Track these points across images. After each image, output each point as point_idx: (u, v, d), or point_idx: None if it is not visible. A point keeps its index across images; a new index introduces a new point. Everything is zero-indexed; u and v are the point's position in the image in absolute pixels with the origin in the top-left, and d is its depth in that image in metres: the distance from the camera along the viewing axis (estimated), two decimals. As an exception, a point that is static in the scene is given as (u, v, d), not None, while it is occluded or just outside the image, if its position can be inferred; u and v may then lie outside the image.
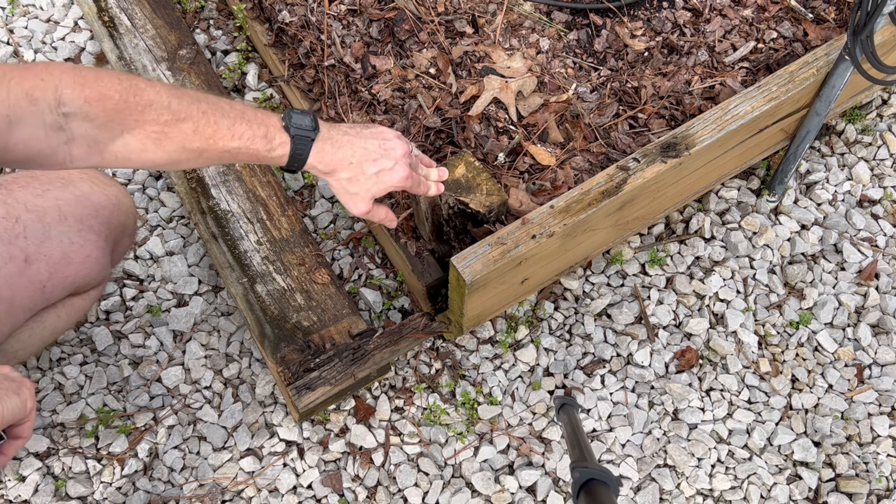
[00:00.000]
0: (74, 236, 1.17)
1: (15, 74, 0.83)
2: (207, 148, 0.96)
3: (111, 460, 1.38)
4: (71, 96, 0.85)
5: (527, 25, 1.61)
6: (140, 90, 0.90)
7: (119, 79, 0.89)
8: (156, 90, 0.91)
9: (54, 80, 0.85)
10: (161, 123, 0.91)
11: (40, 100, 0.84)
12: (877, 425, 1.46)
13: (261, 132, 0.99)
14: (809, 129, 1.51)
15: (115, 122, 0.89)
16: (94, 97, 0.86)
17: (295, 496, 1.37)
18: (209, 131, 0.95)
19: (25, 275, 1.12)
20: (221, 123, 0.96)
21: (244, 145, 0.98)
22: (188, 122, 0.93)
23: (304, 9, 1.61)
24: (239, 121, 0.97)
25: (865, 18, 1.25)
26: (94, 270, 1.20)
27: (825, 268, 1.62)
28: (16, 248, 1.11)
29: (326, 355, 1.35)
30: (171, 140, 0.93)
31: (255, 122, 0.99)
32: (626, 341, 1.52)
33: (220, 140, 0.96)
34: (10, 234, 1.11)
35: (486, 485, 1.37)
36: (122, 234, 1.28)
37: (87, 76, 0.87)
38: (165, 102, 0.91)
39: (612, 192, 1.29)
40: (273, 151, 1.01)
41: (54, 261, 1.14)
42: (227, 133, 0.96)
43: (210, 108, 0.95)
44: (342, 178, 1.08)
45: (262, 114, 1.01)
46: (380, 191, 1.10)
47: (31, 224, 1.13)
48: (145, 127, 0.91)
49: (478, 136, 1.45)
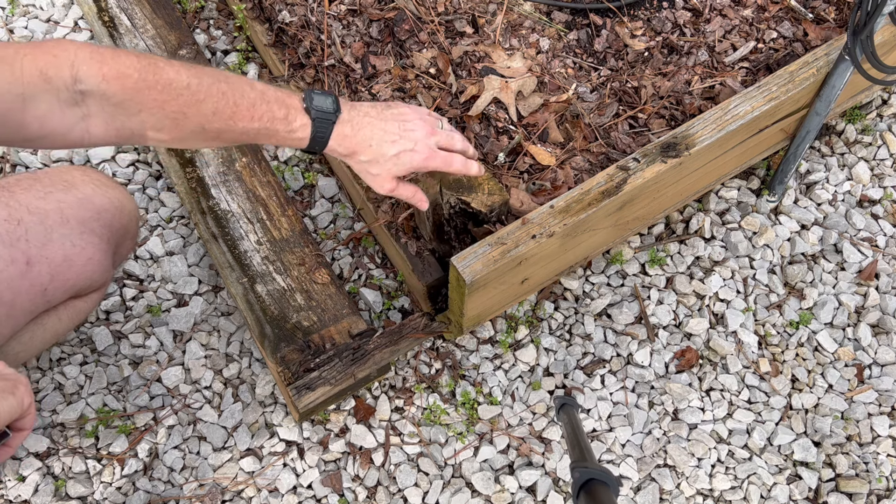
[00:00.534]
0: (76, 239, 1.17)
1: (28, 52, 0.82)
2: (226, 129, 0.95)
3: (111, 460, 1.38)
4: (88, 73, 0.84)
5: (527, 25, 1.61)
6: (159, 69, 0.89)
7: (138, 57, 0.88)
8: (175, 69, 0.90)
9: (69, 57, 0.83)
10: (180, 103, 0.90)
11: (55, 77, 0.83)
12: (877, 425, 1.46)
13: (281, 114, 0.98)
14: (809, 129, 1.51)
15: (133, 100, 0.88)
16: (112, 75, 0.85)
17: (295, 496, 1.37)
18: (228, 112, 0.94)
19: (27, 277, 1.12)
20: (241, 104, 0.94)
21: (264, 126, 0.97)
22: (207, 102, 0.92)
23: (304, 9, 1.62)
24: (259, 102, 0.96)
25: (865, 18, 1.25)
26: (95, 273, 1.20)
27: (825, 268, 1.62)
28: (17, 251, 1.11)
29: (326, 355, 1.35)
30: (190, 120, 0.92)
31: (275, 104, 0.97)
32: (626, 341, 1.52)
33: (240, 121, 0.95)
34: (11, 236, 1.11)
35: (486, 485, 1.37)
36: (125, 238, 1.28)
37: (105, 53, 0.86)
38: (185, 82, 0.90)
39: (612, 192, 1.29)
40: (293, 133, 1.00)
41: (56, 263, 1.14)
42: (247, 114, 0.95)
43: (230, 89, 0.94)
44: (362, 161, 1.06)
45: (284, 94, 0.99)
46: (401, 171, 1.08)
47: (33, 226, 1.13)
48: (164, 106, 0.89)
49: (478, 136, 1.45)
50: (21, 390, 0.92)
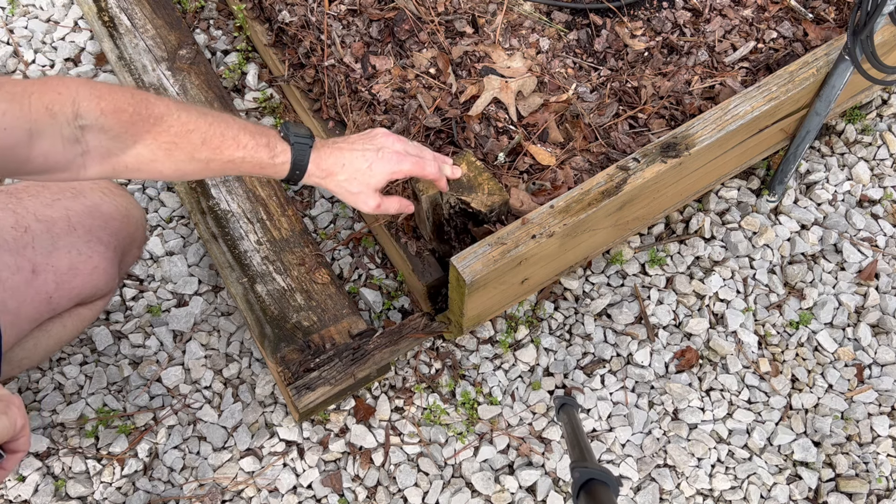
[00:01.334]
0: (83, 247, 1.17)
1: (35, 89, 0.86)
2: (214, 158, 1.00)
3: (111, 460, 1.38)
4: (88, 108, 0.88)
5: (527, 25, 1.61)
6: (151, 104, 0.94)
7: (132, 93, 0.93)
8: (165, 104, 0.95)
9: (72, 94, 0.88)
10: (172, 134, 0.95)
11: (59, 113, 0.87)
12: (877, 425, 1.46)
13: (263, 141, 1.03)
14: (809, 129, 1.51)
15: (128, 133, 0.92)
16: (109, 109, 0.90)
17: (295, 496, 1.37)
18: (216, 142, 0.99)
19: (32, 285, 1.11)
20: (227, 134, 1.00)
21: (248, 154, 1.02)
22: (196, 132, 0.97)
23: (304, 9, 1.61)
24: (242, 132, 1.01)
25: (865, 18, 1.25)
26: (101, 281, 1.19)
27: (825, 268, 1.62)
28: (23, 259, 1.11)
29: (326, 355, 1.35)
30: (181, 150, 0.97)
31: (257, 133, 1.03)
32: (626, 341, 1.52)
33: (227, 150, 1.00)
34: (18, 243, 1.11)
35: (486, 485, 1.37)
36: (131, 245, 1.28)
37: (103, 90, 0.90)
38: (175, 115, 0.95)
39: (612, 192, 1.29)
40: (276, 159, 1.05)
41: (61, 272, 1.14)
42: (233, 143, 1.00)
43: (215, 121, 1.00)
44: (340, 181, 1.11)
45: (262, 127, 1.06)
46: (379, 182, 1.12)
47: (39, 234, 1.13)
48: (157, 138, 0.94)
49: (478, 136, 1.45)
50: (14, 411, 0.92)
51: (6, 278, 1.08)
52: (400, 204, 1.20)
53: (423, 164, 1.15)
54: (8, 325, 1.09)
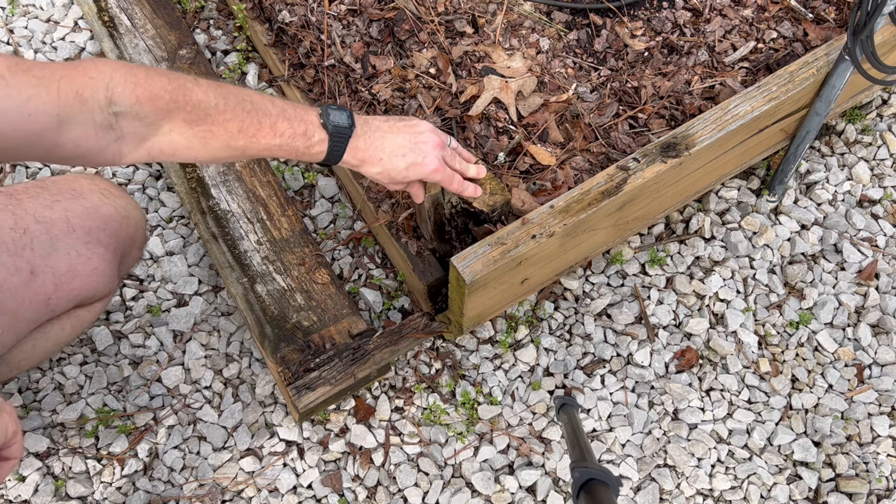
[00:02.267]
0: (82, 248, 1.16)
1: (65, 73, 0.84)
2: (250, 146, 0.99)
3: (111, 460, 1.38)
4: (122, 95, 0.86)
5: (527, 25, 1.61)
6: (188, 90, 0.92)
7: (168, 78, 0.90)
8: (203, 90, 0.93)
9: (105, 79, 0.85)
10: (209, 123, 0.93)
11: (90, 99, 0.84)
12: (877, 425, 1.46)
13: (301, 129, 1.02)
14: (809, 129, 1.51)
15: (164, 120, 0.90)
16: (145, 97, 0.88)
17: (295, 496, 1.37)
18: (253, 130, 0.97)
19: (31, 287, 1.11)
20: (265, 122, 0.98)
21: (285, 142, 1.01)
22: (234, 121, 0.95)
23: (304, 9, 1.61)
24: (281, 119, 1.00)
25: (865, 18, 1.25)
26: (100, 283, 1.19)
27: (825, 268, 1.62)
28: (22, 260, 1.10)
29: (326, 355, 1.35)
30: (217, 138, 0.95)
31: (295, 120, 1.01)
32: (626, 341, 1.52)
33: (264, 138, 0.99)
34: (17, 245, 1.10)
35: (486, 485, 1.37)
36: (131, 247, 1.27)
37: (139, 75, 0.88)
38: (213, 102, 0.93)
39: (612, 192, 1.29)
40: (312, 148, 1.04)
41: (60, 273, 1.13)
42: (270, 132, 0.99)
43: (254, 108, 0.98)
44: (373, 172, 1.11)
45: (302, 111, 1.03)
46: (408, 180, 1.14)
47: (38, 236, 1.12)
48: (193, 126, 0.93)
49: (478, 136, 1.45)
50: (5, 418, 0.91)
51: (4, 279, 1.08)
52: (419, 190, 1.21)
53: (451, 179, 1.17)
54: (6, 327, 1.09)
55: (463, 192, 1.21)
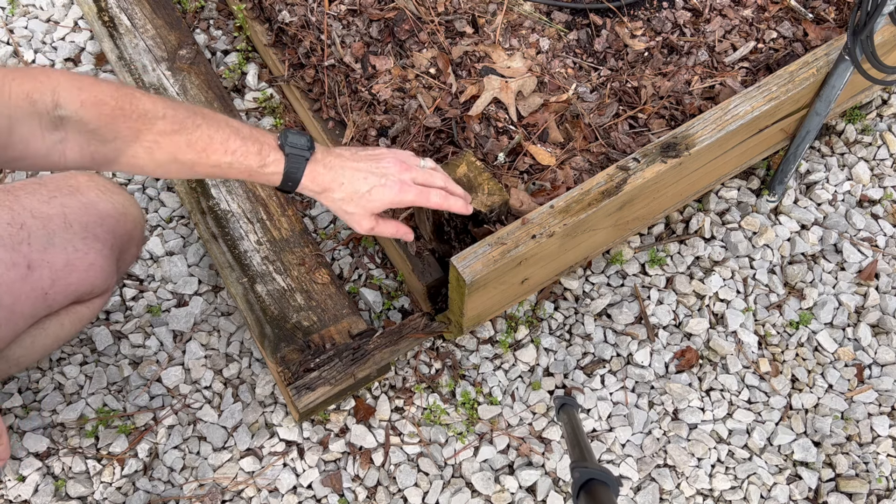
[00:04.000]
0: (79, 244, 1.17)
1: (16, 76, 0.86)
2: (199, 161, 0.97)
3: (111, 460, 1.38)
4: (67, 99, 0.87)
5: (527, 25, 1.61)
6: (136, 99, 0.92)
7: (116, 87, 0.91)
8: (152, 101, 0.93)
9: (52, 83, 0.87)
10: (154, 133, 0.93)
11: (39, 101, 0.86)
12: (877, 425, 1.46)
13: (254, 149, 1.00)
14: (809, 129, 1.51)
15: (107, 127, 0.90)
16: (89, 101, 0.88)
17: (295, 496, 1.37)
18: (202, 144, 0.96)
19: (28, 281, 1.11)
20: (215, 137, 0.97)
21: (236, 160, 0.99)
22: (182, 133, 0.94)
23: (304, 9, 1.62)
24: (233, 136, 0.98)
25: (865, 18, 1.25)
26: (98, 279, 1.19)
27: (825, 268, 1.62)
28: (19, 255, 1.11)
29: (326, 355, 1.35)
30: (163, 150, 0.94)
31: (249, 140, 1.00)
32: (626, 341, 1.52)
33: (213, 154, 0.97)
34: (13, 239, 1.11)
35: (486, 485, 1.37)
36: (129, 244, 1.28)
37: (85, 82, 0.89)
38: (161, 113, 0.93)
39: (612, 192, 1.29)
40: (266, 168, 1.01)
41: (57, 268, 1.14)
42: (220, 147, 0.97)
43: (205, 122, 0.97)
44: (336, 198, 1.07)
45: (259, 132, 1.02)
46: (376, 208, 1.09)
47: (35, 231, 1.13)
48: (139, 136, 0.92)
49: (478, 136, 1.45)
50: None
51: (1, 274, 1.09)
52: (397, 229, 1.16)
53: (427, 195, 1.11)
54: (3, 321, 1.09)
55: (448, 206, 1.15)
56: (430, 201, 1.12)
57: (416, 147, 1.45)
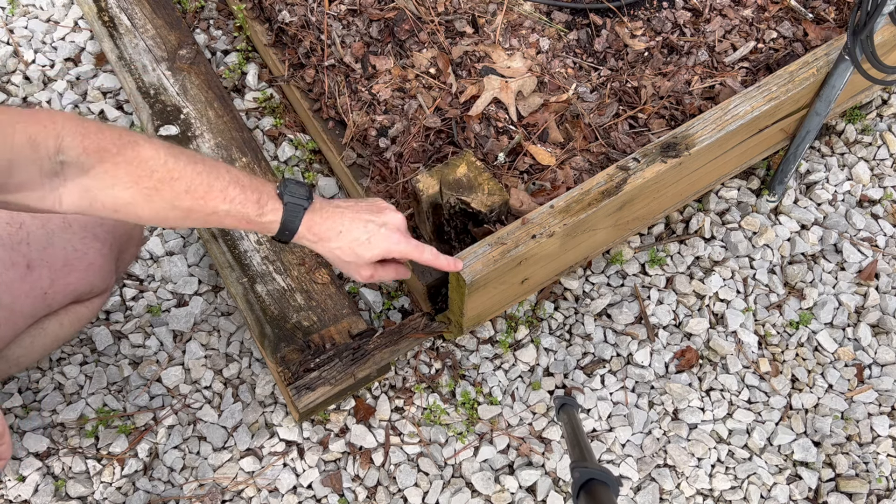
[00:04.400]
0: (78, 243, 1.17)
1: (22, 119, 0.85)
2: (196, 208, 0.96)
3: (111, 460, 1.38)
4: (70, 145, 0.87)
5: (527, 25, 1.61)
6: (138, 146, 0.91)
7: (119, 134, 0.91)
8: (154, 148, 0.92)
9: (57, 128, 0.86)
10: (154, 180, 0.92)
11: (41, 146, 0.85)
12: (877, 425, 1.46)
13: (253, 198, 0.99)
14: (809, 129, 1.51)
15: (108, 173, 0.90)
16: (92, 148, 0.88)
17: (295, 496, 1.37)
18: (201, 192, 0.96)
19: (27, 281, 1.12)
20: (215, 186, 0.96)
21: (234, 209, 0.98)
22: (181, 181, 0.94)
23: (304, 9, 1.61)
24: (233, 185, 0.98)
25: (865, 18, 1.25)
26: (97, 278, 1.20)
27: (825, 268, 1.62)
28: (18, 254, 1.11)
29: (326, 355, 1.35)
30: (161, 197, 0.94)
31: (249, 189, 0.99)
32: (626, 341, 1.52)
33: (212, 201, 0.97)
34: (12, 239, 1.11)
35: (486, 485, 1.37)
36: (128, 244, 1.28)
37: (90, 128, 0.88)
38: (162, 160, 0.92)
39: (612, 192, 1.29)
40: (263, 217, 1.01)
41: (56, 267, 1.14)
42: (220, 195, 0.97)
43: (206, 170, 0.96)
44: (333, 248, 1.07)
45: (258, 181, 1.02)
46: (374, 256, 1.08)
47: (34, 230, 1.13)
48: (138, 182, 0.92)
49: (478, 135, 1.45)
50: None
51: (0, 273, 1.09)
52: (396, 272, 1.15)
53: (422, 251, 1.11)
54: (3, 321, 1.10)
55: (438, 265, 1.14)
56: (423, 257, 1.12)
57: (416, 147, 1.45)
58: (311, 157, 1.67)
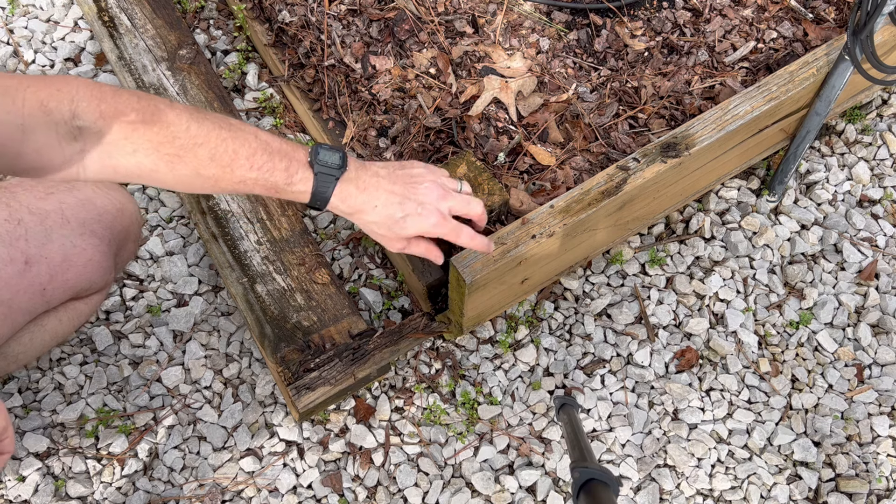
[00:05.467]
0: (76, 240, 1.17)
1: (32, 84, 0.82)
2: (222, 176, 0.93)
3: (111, 460, 1.38)
4: (87, 109, 0.84)
5: (527, 25, 1.61)
6: (159, 110, 0.88)
7: (139, 97, 0.87)
8: (176, 112, 0.89)
9: (71, 92, 0.83)
10: (176, 146, 0.89)
11: (55, 110, 0.83)
12: (877, 425, 1.46)
13: (282, 165, 0.96)
14: (809, 129, 1.51)
15: (128, 139, 0.87)
16: (109, 112, 0.85)
17: (295, 496, 1.37)
18: (226, 159, 0.92)
19: (25, 277, 1.12)
20: (240, 152, 0.93)
21: (262, 176, 0.95)
22: (204, 147, 0.91)
23: (304, 9, 1.62)
24: (260, 151, 0.94)
25: (865, 18, 1.25)
26: (95, 274, 1.20)
27: (825, 268, 1.62)
28: (16, 251, 1.11)
29: (326, 355, 1.35)
30: (185, 164, 0.91)
31: (277, 155, 0.96)
32: (626, 341, 1.52)
33: (238, 169, 0.94)
34: (11, 235, 1.11)
35: (486, 485, 1.37)
36: (126, 240, 1.28)
37: (106, 91, 0.85)
38: (184, 125, 0.89)
39: (612, 192, 1.29)
40: (293, 186, 0.97)
41: (55, 263, 1.14)
42: (246, 163, 0.94)
43: (231, 136, 0.93)
44: (368, 220, 1.04)
45: (289, 146, 0.98)
46: (409, 234, 1.06)
47: (32, 227, 1.13)
48: (159, 147, 0.88)
49: (478, 136, 1.45)
50: None
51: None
52: (427, 249, 1.12)
53: (458, 233, 1.09)
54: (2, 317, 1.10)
55: (474, 245, 1.12)
56: (460, 239, 1.09)
57: (416, 147, 1.45)
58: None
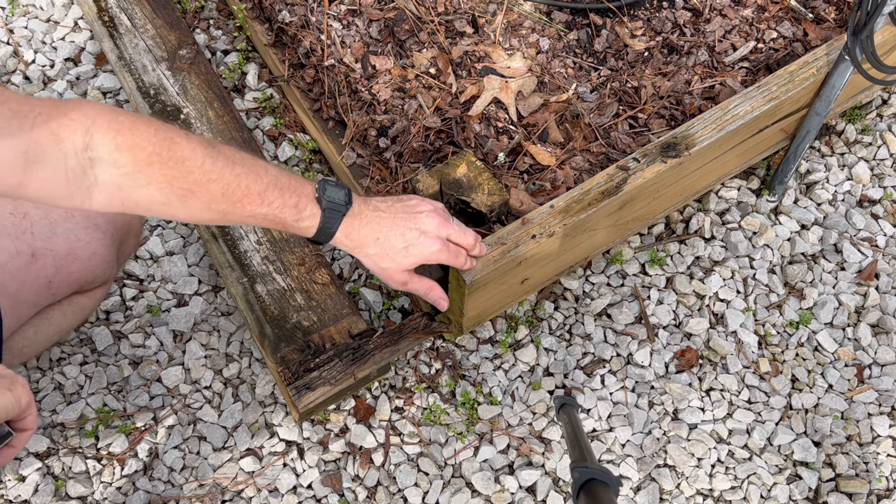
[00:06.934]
0: (81, 233, 1.19)
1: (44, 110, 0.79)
2: (233, 211, 0.93)
3: (111, 460, 1.38)
4: (102, 141, 0.81)
5: (527, 25, 1.61)
6: (175, 144, 0.86)
7: (155, 129, 0.86)
8: (191, 146, 0.88)
9: (86, 122, 0.81)
10: (190, 182, 0.88)
11: (66, 140, 0.80)
12: (877, 425, 1.46)
13: (292, 202, 0.97)
14: (809, 129, 1.51)
15: (142, 173, 0.85)
16: (125, 145, 0.83)
17: (295, 496, 1.37)
18: (238, 195, 0.92)
19: (31, 269, 1.13)
20: (252, 188, 0.93)
21: (272, 212, 0.95)
22: (219, 183, 0.90)
23: (304, 9, 1.62)
24: (271, 188, 0.94)
25: (865, 18, 1.25)
26: (99, 268, 1.21)
27: (825, 268, 1.62)
28: (23, 243, 1.13)
29: (326, 355, 1.35)
30: (197, 199, 0.90)
31: (287, 191, 0.96)
32: (626, 341, 1.52)
33: (249, 205, 0.93)
34: (17, 229, 1.13)
35: (486, 485, 1.37)
36: (128, 234, 1.30)
37: (124, 122, 0.83)
38: (199, 161, 0.88)
39: (612, 192, 1.29)
40: (301, 222, 0.98)
41: (60, 256, 1.16)
42: (257, 199, 0.94)
43: (244, 172, 0.92)
44: (370, 254, 1.05)
45: (297, 182, 0.98)
46: (411, 264, 1.07)
47: (38, 220, 1.15)
48: (173, 182, 0.87)
49: (478, 135, 1.45)
50: (18, 388, 0.90)
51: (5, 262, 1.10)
52: (430, 289, 1.15)
53: (457, 257, 1.11)
54: (8, 309, 1.11)
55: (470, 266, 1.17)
56: (458, 262, 1.12)
57: (416, 147, 1.45)
58: (310, 157, 1.67)
